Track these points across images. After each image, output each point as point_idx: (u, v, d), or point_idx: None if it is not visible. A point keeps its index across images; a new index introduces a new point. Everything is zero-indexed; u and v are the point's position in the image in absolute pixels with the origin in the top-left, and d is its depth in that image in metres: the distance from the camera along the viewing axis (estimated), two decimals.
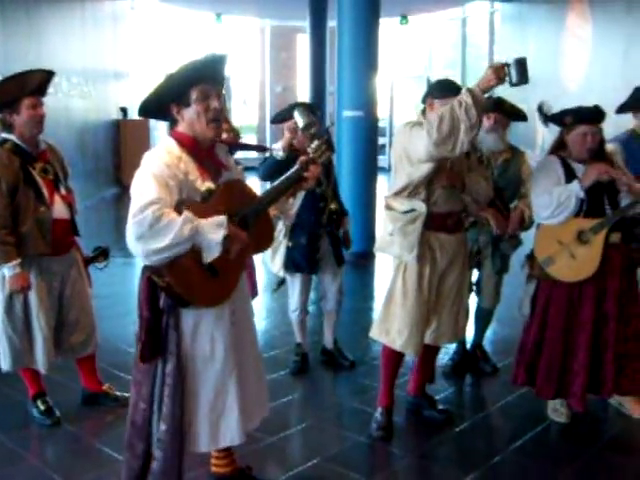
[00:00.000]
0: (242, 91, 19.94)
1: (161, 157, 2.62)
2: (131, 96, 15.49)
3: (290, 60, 20.65)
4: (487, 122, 4.26)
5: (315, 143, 2.98)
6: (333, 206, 4.53)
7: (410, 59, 21.00)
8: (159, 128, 16.82)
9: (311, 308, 4.96)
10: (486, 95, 3.25)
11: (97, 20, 13.37)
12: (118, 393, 4.21)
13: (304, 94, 17.00)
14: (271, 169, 4.30)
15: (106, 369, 4.52)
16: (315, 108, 4.41)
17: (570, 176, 3.76)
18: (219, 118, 2.72)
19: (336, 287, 4.74)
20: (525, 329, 4.04)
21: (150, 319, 2.67)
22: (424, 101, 3.74)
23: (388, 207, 3.74)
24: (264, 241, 2.95)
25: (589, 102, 3.94)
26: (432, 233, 3.67)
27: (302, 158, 2.94)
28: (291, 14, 17.80)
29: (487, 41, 17.64)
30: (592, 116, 3.76)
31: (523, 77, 3.19)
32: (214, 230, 2.54)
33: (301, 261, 4.56)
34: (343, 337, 5.06)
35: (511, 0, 15.21)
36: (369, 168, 8.39)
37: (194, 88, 2.65)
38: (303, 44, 17.84)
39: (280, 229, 4.47)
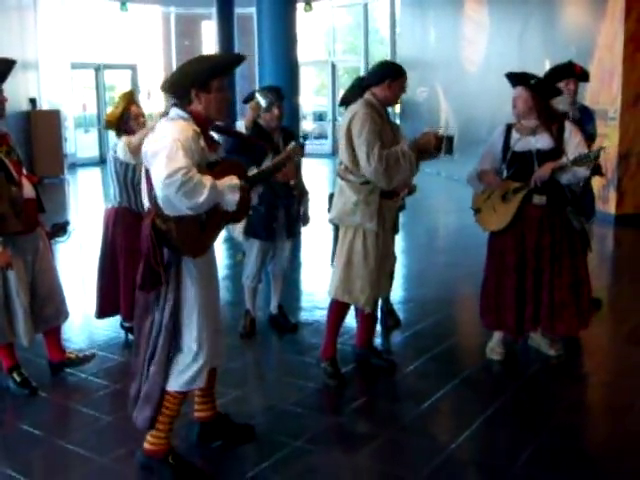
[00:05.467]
0: (147, 80, 19.83)
1: (186, 130, 3.00)
2: (40, 86, 15.29)
3: (195, 47, 20.71)
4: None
5: (292, 144, 3.67)
6: (292, 182, 4.87)
7: (313, 44, 21.43)
8: (69, 118, 16.69)
9: None
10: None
11: (3, 10, 13.17)
12: (80, 354, 4.51)
13: None
14: (235, 144, 4.68)
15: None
16: (277, 90, 4.98)
17: (507, 141, 4.35)
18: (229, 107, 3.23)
19: (285, 254, 5.18)
20: None
21: (150, 254, 2.97)
22: (378, 82, 4.08)
23: (344, 178, 4.13)
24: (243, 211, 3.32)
25: (488, 83, 4.41)
26: (382, 200, 4.12)
27: (282, 155, 3.65)
28: (196, 1, 17.90)
29: (388, 26, 18.29)
30: (511, 80, 4.30)
31: (450, 150, 3.99)
32: (231, 191, 3.05)
33: (258, 228, 4.95)
34: (285, 303, 5.47)
35: None
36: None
37: (215, 79, 3.10)
38: (209, 31, 17.90)
39: None
